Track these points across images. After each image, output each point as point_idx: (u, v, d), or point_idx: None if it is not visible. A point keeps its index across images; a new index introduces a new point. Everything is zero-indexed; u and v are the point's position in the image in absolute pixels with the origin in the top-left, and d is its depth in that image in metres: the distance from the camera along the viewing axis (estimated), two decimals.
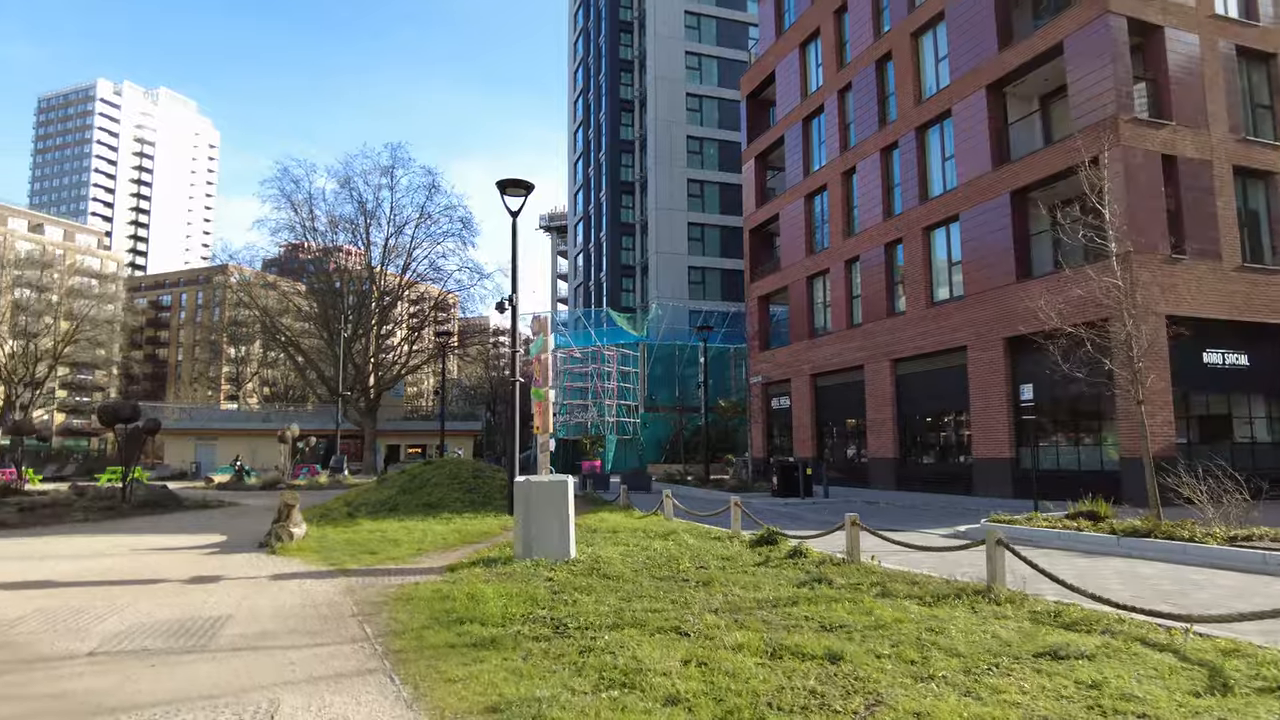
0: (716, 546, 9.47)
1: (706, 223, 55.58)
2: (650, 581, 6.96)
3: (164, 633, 5.48)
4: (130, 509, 18.73)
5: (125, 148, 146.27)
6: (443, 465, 17.67)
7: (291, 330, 57.67)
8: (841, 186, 31.35)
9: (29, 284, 75.06)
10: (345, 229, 56.40)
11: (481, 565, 8.04)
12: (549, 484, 8.31)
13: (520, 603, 5.99)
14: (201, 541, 11.47)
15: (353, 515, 14.38)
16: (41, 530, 13.95)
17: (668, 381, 51.23)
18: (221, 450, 54.40)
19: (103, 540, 11.59)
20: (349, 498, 16.92)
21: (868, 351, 28.80)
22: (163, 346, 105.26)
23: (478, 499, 15.27)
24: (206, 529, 13.82)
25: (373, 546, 9.98)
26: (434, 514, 13.85)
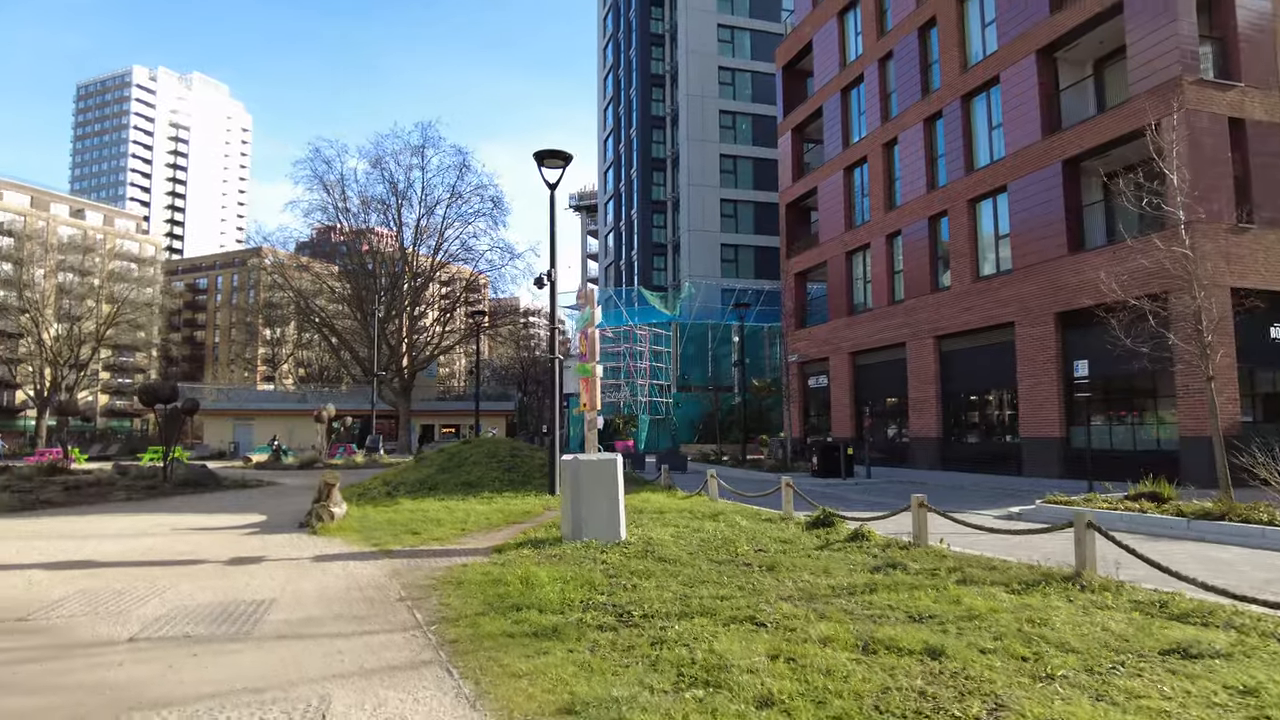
0: (770, 529, 9.05)
1: (740, 199, 54.73)
2: (709, 566, 6.57)
3: (206, 618, 5.21)
4: (171, 488, 18.80)
5: (161, 133, 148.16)
6: (481, 444, 17.45)
7: (325, 312, 58.03)
8: (882, 158, 30.45)
9: (71, 268, 76.39)
10: (377, 210, 56.45)
11: (529, 546, 7.71)
12: (598, 463, 7.94)
13: (577, 587, 5.63)
14: (241, 521, 11.32)
15: (392, 494, 14.18)
16: (86, 509, 13.95)
17: (700, 361, 50.71)
18: (259, 430, 55.07)
19: (144, 519, 11.49)
20: (387, 477, 16.76)
21: (910, 328, 28.04)
22: (200, 329, 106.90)
23: (517, 478, 15.01)
24: (246, 508, 13.71)
25: (415, 526, 9.72)
26: (474, 493, 13.60)
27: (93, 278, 75.29)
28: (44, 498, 15.86)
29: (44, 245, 75.67)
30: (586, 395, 8.09)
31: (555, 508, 12.18)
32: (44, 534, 9.76)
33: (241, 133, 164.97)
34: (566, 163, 13.92)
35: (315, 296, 58.17)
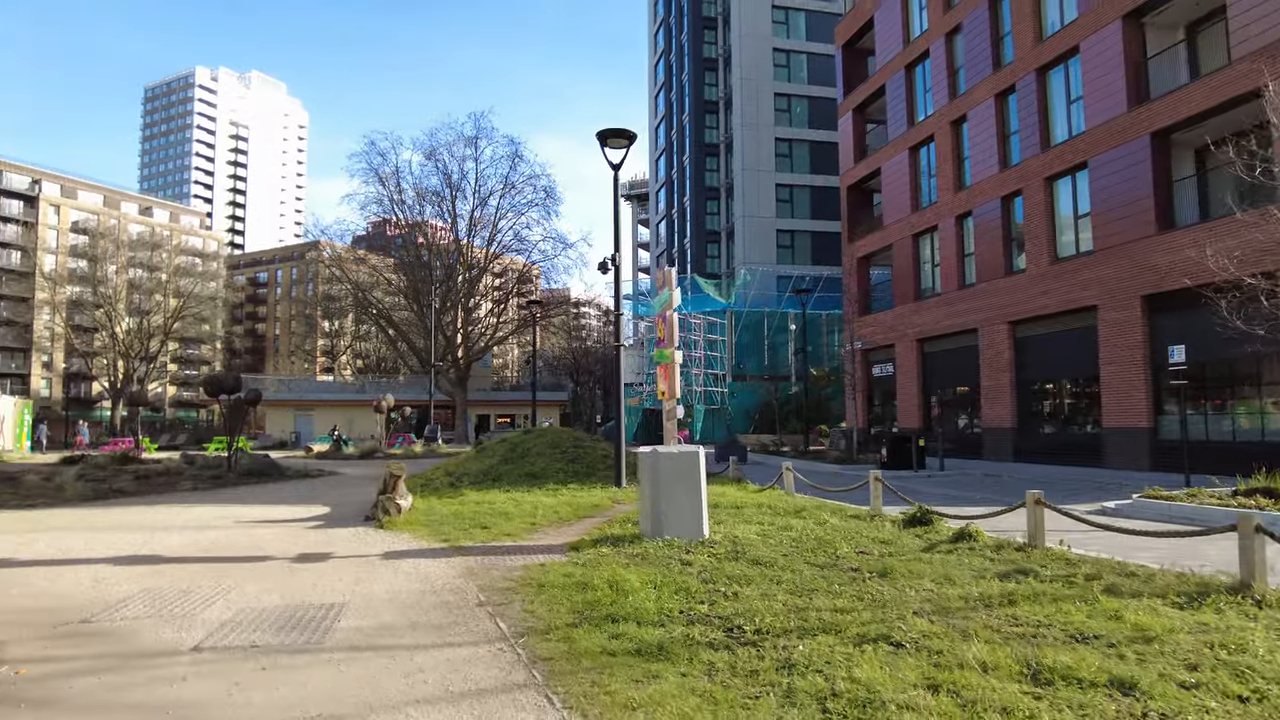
0: (864, 527, 8.37)
1: (796, 183, 53.52)
2: (811, 571, 5.96)
3: (273, 624, 4.80)
4: (235, 478, 18.87)
5: (222, 131, 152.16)
6: (543, 434, 17.08)
7: (382, 304, 58.66)
8: (950, 137, 29.15)
9: (141, 264, 78.75)
10: (431, 201, 56.73)
11: (608, 545, 7.20)
12: (679, 456, 7.38)
13: (672, 595, 5.09)
14: (305, 514, 11.07)
15: (456, 485, 13.87)
16: (155, 498, 13.95)
17: (756, 349, 49.78)
18: (319, 420, 56.01)
19: (210, 510, 11.34)
20: (450, 467, 16.50)
21: (982, 313, 26.81)
22: (261, 321, 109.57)
23: (580, 469, 14.58)
24: (309, 499, 13.54)
25: (483, 520, 9.30)
26: (538, 485, 13.19)
27: (160, 273, 77.55)
28: (116, 487, 15.99)
29: (115, 242, 78.19)
30: (665, 383, 7.52)
31: (625, 501, 11.67)
32: (113, 525, 9.62)
33: (298, 129, 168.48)
34: (630, 142, 13.36)
35: (372, 289, 58.87)
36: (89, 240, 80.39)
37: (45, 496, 13.58)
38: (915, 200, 31.54)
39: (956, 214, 28.60)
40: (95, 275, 73.08)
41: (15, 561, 7.14)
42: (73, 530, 9.18)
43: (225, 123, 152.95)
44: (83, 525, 9.66)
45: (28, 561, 7.12)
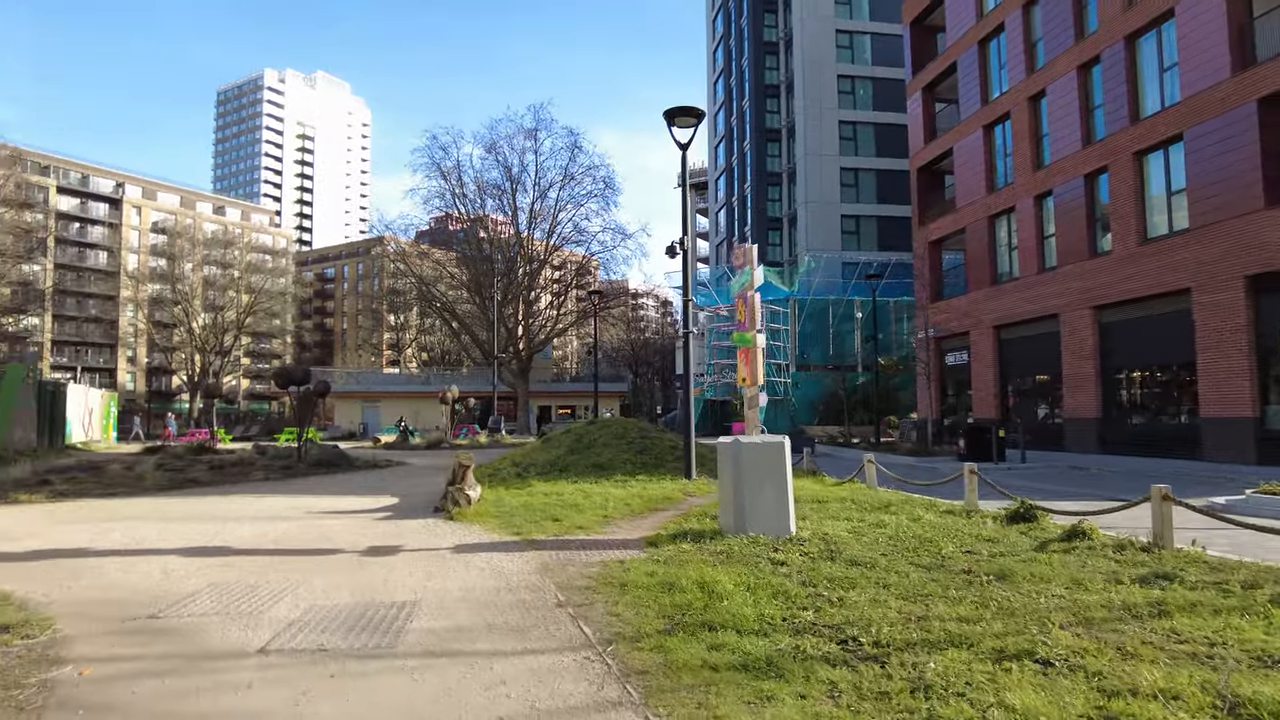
0: (961, 524, 7.75)
1: (860, 167, 52.09)
2: (917, 572, 5.42)
3: (342, 624, 4.50)
4: (305, 468, 19.05)
5: (289, 130, 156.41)
6: (608, 425, 16.75)
7: (446, 297, 59.35)
8: (1028, 113, 27.74)
9: (215, 261, 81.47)
10: (492, 195, 57.10)
11: (688, 541, 6.76)
12: (763, 447, 6.90)
13: (769, 598, 4.63)
14: (374, 504, 10.94)
15: (523, 476, 13.62)
16: (228, 488, 14.08)
17: (820, 338, 48.65)
18: (386, 412, 57.01)
19: (280, 501, 11.30)
20: (516, 458, 16.31)
21: (1064, 298, 25.48)
22: (329, 316, 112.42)
23: (648, 460, 14.19)
24: (378, 490, 13.47)
25: (554, 512, 8.98)
26: (605, 476, 12.85)
27: (233, 270, 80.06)
28: (191, 476, 16.25)
29: (191, 241, 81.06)
30: (747, 368, 7.04)
31: (696, 494, 11.23)
32: (186, 516, 9.61)
33: (362, 127, 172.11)
34: (699, 120, 12.88)
35: (436, 282, 59.60)
36: (167, 239, 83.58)
37: (125, 485, 13.83)
38: (990, 181, 30.19)
39: (1035, 194, 27.24)
40: (173, 273, 75.93)
41: (91, 551, 7.07)
42: (147, 520, 9.17)
43: (292, 123, 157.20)
44: (157, 515, 9.68)
45: (103, 551, 7.04)
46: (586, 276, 65.82)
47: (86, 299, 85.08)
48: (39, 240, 79.44)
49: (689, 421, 12.42)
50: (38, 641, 4.19)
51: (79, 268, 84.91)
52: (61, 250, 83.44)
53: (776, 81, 56.83)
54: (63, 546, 7.30)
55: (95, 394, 38.82)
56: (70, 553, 6.98)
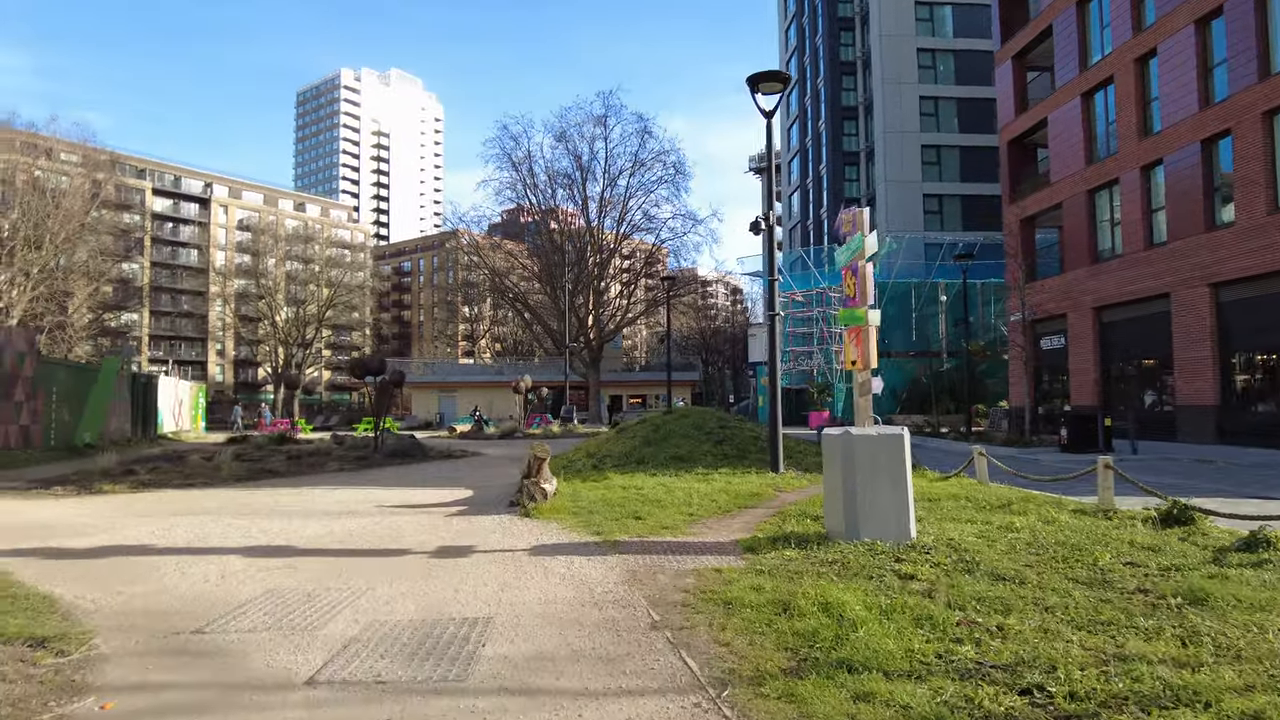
0: (1104, 527, 6.71)
1: (943, 144, 49.77)
2: (1081, 592, 4.49)
3: (404, 647, 3.88)
4: (381, 458, 18.93)
5: (365, 127, 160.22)
6: (685, 415, 16.00)
7: (518, 288, 59.57)
8: (1134, 76, 25.59)
9: (296, 257, 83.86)
10: (563, 184, 56.91)
11: (791, 547, 5.96)
12: (879, 439, 6.03)
13: (911, 626, 3.80)
14: (447, 497, 10.47)
15: (599, 468, 13.01)
16: (302, 479, 13.91)
17: (902, 323, 46.72)
18: (461, 401, 57.64)
19: (352, 494, 10.95)
20: (590, 449, 15.74)
21: (1176, 275, 23.45)
22: (406, 309, 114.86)
23: (730, 452, 13.38)
24: (452, 481, 13.06)
25: (635, 509, 8.29)
26: (685, 469, 12.10)
27: (313, 265, 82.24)
28: (269, 467, 16.24)
29: (274, 237, 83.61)
30: (857, 349, 6.16)
31: (787, 489, 10.38)
32: (255, 510, 9.29)
33: (435, 123, 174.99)
34: (785, 86, 11.95)
35: (508, 274, 59.86)
36: (251, 236, 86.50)
37: (203, 476, 13.81)
38: (1089, 152, 28.10)
39: (1142, 164, 25.15)
40: (257, 269, 78.50)
41: (154, 549, 6.72)
42: (217, 514, 8.88)
43: (368, 120, 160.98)
44: (228, 509, 9.40)
45: (163, 549, 6.67)
46: (655, 265, 65.16)
47: (179, 295, 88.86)
48: (136, 240, 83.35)
49: (776, 411, 11.57)
50: (69, 660, 3.70)
51: (172, 265, 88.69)
52: (157, 249, 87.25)
53: (853, 58, 54.85)
54: (127, 543, 6.98)
55: (185, 385, 40.20)
56: (133, 550, 6.63)
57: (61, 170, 49.88)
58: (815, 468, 12.81)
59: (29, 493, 11.34)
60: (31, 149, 47.00)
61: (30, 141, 47.10)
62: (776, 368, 12.20)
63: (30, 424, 20.32)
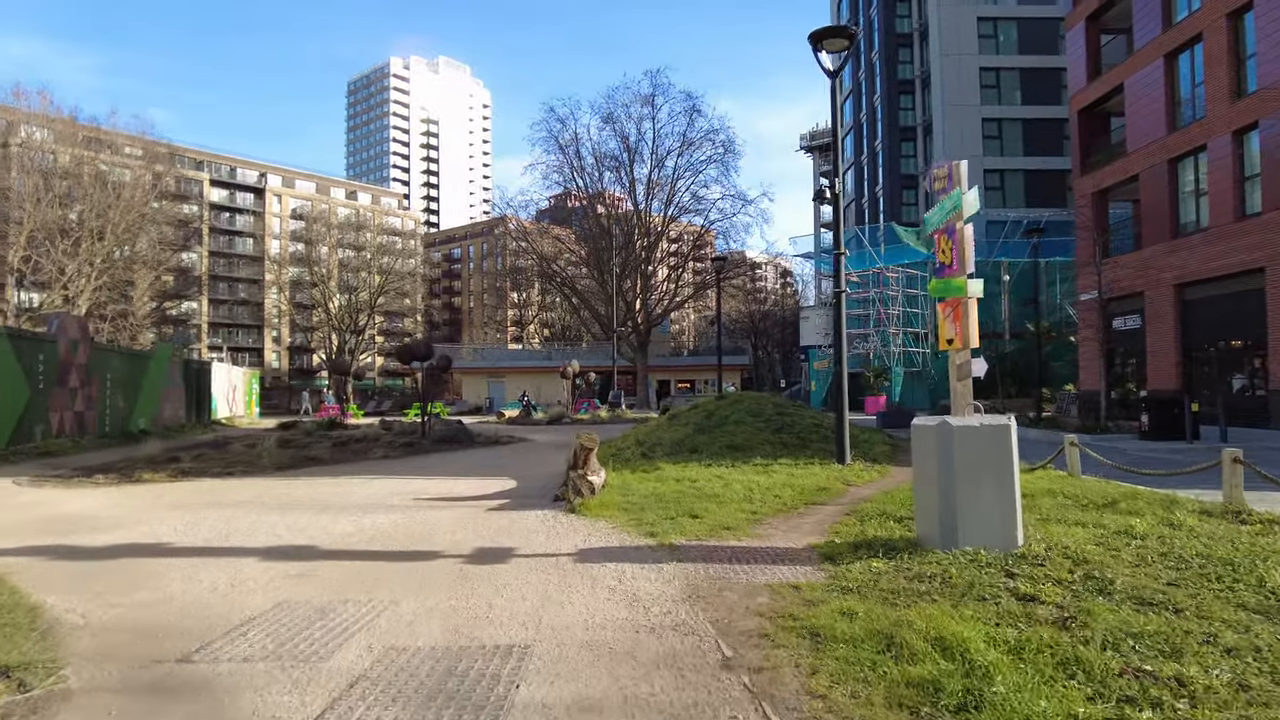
0: (1249, 536, 5.69)
1: (1005, 116, 47.59)
2: (1265, 626, 3.58)
3: (422, 686, 3.17)
4: (428, 444, 18.51)
5: (414, 115, 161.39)
6: (740, 400, 15.13)
7: (565, 273, 59.10)
8: (1225, 33, 23.66)
9: (348, 244, 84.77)
10: (610, 166, 56.07)
11: (878, 556, 5.11)
12: (982, 431, 5.13)
13: (1058, 673, 2.94)
14: (490, 488, 9.85)
15: (649, 457, 12.28)
16: (345, 467, 13.49)
17: None
18: (510, 386, 57.52)
19: (391, 485, 10.41)
20: (640, 436, 15.01)
21: (1272, 249, 21.67)
22: (456, 295, 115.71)
23: (790, 441, 12.50)
24: (496, 469, 12.48)
25: (690, 505, 7.53)
26: (742, 458, 11.28)
27: (365, 252, 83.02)
28: (312, 454, 15.91)
29: (326, 225, 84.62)
30: (956, 325, 5.27)
31: (856, 482, 9.50)
32: (287, 503, 8.78)
33: (483, 109, 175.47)
34: (850, 42, 10.94)
35: (555, 259, 59.42)
36: (304, 225, 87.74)
37: (244, 464, 13.48)
38: (1171, 118, 26.20)
39: (1234, 128, 23.27)
40: (310, 256, 79.56)
41: (168, 548, 6.20)
42: (247, 507, 8.38)
43: (417, 108, 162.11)
44: (260, 500, 8.91)
45: (179, 549, 6.15)
46: (704, 248, 64.04)
47: (236, 283, 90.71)
48: (195, 230, 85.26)
49: (842, 398, 10.66)
50: (27, 699, 3.10)
51: (229, 254, 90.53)
52: (214, 238, 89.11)
53: (909, 30, 52.78)
54: (145, 541, 6.48)
55: (238, 371, 40.68)
56: (148, 550, 6.11)
57: (124, 164, 51.01)
58: (883, 458, 11.89)
59: (71, 481, 11.09)
60: (96, 144, 48.07)
61: (94, 136, 48.15)
62: (843, 350, 11.28)
63: (85, 410, 20.42)
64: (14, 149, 42.96)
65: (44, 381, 18.16)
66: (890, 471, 10.44)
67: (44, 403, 18.20)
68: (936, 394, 41.58)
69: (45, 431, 18.16)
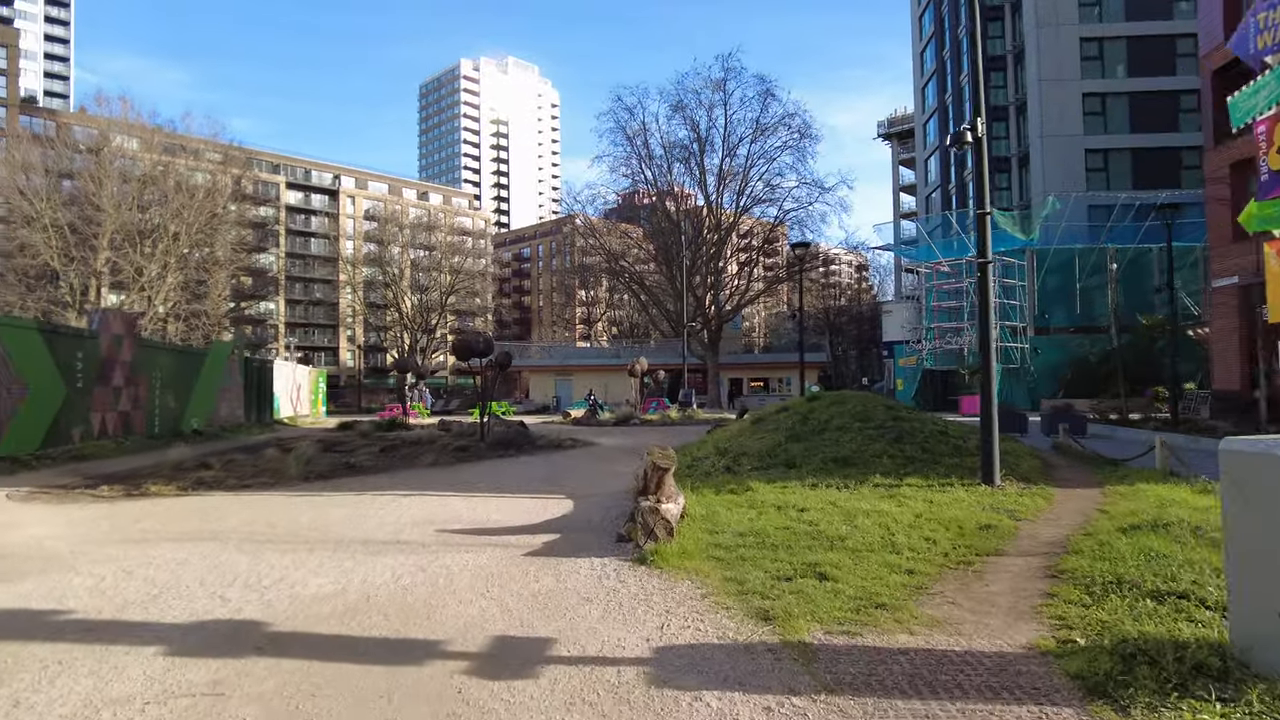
0: None
1: (1109, 91, 43.44)
2: None
3: None
4: (484, 448, 16.70)
5: (485, 115, 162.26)
6: (840, 401, 12.68)
7: (634, 269, 57.17)
8: None
9: (420, 245, 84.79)
10: (679, 157, 53.84)
11: (1187, 690, 2.84)
12: None
13: None
14: (538, 513, 7.81)
15: (734, 471, 10.06)
16: (381, 478, 11.68)
17: (1064, 296, 41.02)
18: (577, 384, 55.91)
19: (422, 506, 8.48)
20: (720, 442, 12.76)
21: None
22: (526, 294, 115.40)
23: (913, 453, 10.04)
24: (552, 483, 10.47)
25: (808, 554, 5.31)
26: (856, 476, 8.94)
27: (436, 252, 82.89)
28: (353, 461, 14.22)
29: (398, 225, 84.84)
30: None
31: (1023, 514, 7.06)
32: (277, 532, 6.89)
33: (551, 109, 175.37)
34: None
35: (623, 256, 57.55)
36: (377, 225, 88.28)
37: (270, 473, 11.84)
38: None
39: None
40: (383, 257, 79.78)
41: (56, 619, 4.29)
42: (221, 541, 6.50)
43: (487, 108, 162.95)
44: (247, 529, 7.05)
45: (72, 622, 4.24)
46: (775, 243, 61.12)
47: (311, 283, 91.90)
48: (271, 231, 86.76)
49: (990, 400, 8.25)
50: None
51: (304, 255, 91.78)
52: (290, 239, 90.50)
53: (1000, 1, 48.96)
54: (40, 603, 4.60)
55: (303, 370, 39.97)
56: (30, 619, 4.24)
57: (204, 169, 51.80)
58: (1035, 475, 9.37)
59: (70, 494, 9.56)
60: (179, 150, 48.90)
61: (176, 143, 49.02)
62: (989, 333, 8.86)
63: (131, 410, 19.35)
64: (104, 156, 43.76)
65: (83, 380, 17.04)
66: (1054, 497, 7.98)
67: (84, 402, 17.09)
68: (1036, 393, 38.01)
69: (86, 433, 17.05)
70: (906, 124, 78.54)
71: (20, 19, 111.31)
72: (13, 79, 74.07)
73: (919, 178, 65.81)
